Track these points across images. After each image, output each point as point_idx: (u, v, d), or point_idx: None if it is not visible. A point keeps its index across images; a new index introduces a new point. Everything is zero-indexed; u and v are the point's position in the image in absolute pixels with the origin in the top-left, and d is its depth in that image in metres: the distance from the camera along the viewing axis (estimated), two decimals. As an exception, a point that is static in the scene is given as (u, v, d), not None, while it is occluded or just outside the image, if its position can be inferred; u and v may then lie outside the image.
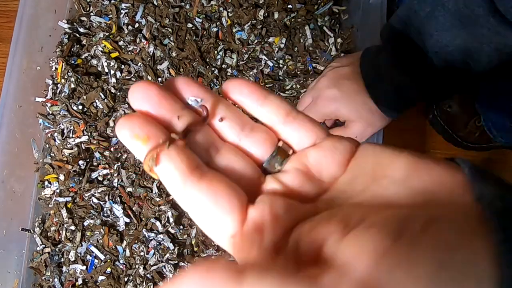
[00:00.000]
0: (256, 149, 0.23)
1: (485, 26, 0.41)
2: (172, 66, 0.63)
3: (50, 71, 0.63)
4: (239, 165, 0.22)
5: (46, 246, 0.59)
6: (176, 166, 0.20)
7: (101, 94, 0.61)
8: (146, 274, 0.58)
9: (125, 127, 0.21)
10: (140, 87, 0.22)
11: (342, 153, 0.22)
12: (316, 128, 0.23)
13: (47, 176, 0.60)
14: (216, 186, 0.20)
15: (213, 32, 0.64)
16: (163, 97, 0.22)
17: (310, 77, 0.62)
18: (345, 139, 0.22)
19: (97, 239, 0.59)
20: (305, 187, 0.21)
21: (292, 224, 0.20)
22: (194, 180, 0.20)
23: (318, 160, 0.22)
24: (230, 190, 0.20)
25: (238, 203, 0.20)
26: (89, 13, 0.66)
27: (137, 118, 0.21)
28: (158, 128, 0.21)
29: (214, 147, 0.22)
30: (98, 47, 0.64)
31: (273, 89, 0.63)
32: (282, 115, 0.23)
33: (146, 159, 0.20)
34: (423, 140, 0.83)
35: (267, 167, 0.23)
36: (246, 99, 0.23)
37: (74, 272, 0.58)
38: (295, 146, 0.23)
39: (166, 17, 0.65)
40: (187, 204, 0.21)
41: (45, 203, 0.60)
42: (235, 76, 0.63)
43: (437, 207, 0.18)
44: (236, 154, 0.22)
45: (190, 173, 0.20)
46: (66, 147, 0.60)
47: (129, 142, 0.21)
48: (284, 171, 0.22)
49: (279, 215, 0.20)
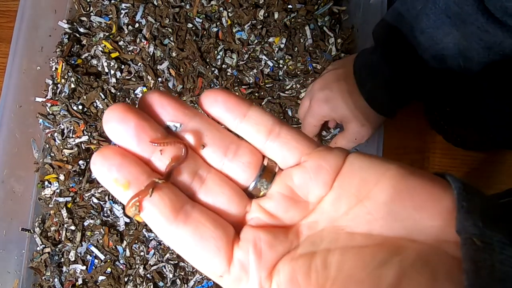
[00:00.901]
0: (241, 173, 0.22)
1: (474, 24, 0.41)
2: (172, 66, 0.63)
3: (50, 71, 0.63)
4: (225, 196, 0.21)
5: (46, 246, 0.59)
6: (160, 212, 0.20)
7: (101, 94, 0.61)
8: (146, 274, 0.58)
9: (102, 166, 0.20)
10: (116, 116, 0.20)
11: (327, 171, 0.21)
12: (300, 144, 0.22)
13: (47, 176, 0.60)
14: (202, 229, 0.20)
15: (213, 32, 0.64)
16: (142, 129, 0.20)
17: (310, 77, 0.62)
18: (331, 152, 0.22)
19: (97, 239, 0.59)
20: (290, 212, 0.21)
21: (276, 259, 0.20)
22: (179, 224, 0.20)
23: (303, 182, 0.21)
24: (216, 230, 0.20)
25: (224, 243, 0.20)
26: (89, 13, 0.66)
27: (114, 156, 0.20)
28: (138, 169, 0.20)
29: (198, 178, 0.21)
30: (98, 47, 0.64)
31: (273, 89, 0.63)
32: (264, 133, 0.22)
33: (129, 207, 0.20)
34: (423, 140, 0.83)
35: (253, 191, 0.22)
36: (225, 114, 0.22)
37: (74, 272, 0.58)
38: (280, 164, 0.22)
39: (166, 17, 0.65)
40: (175, 246, 0.20)
41: (45, 203, 0.60)
42: (235, 76, 0.63)
43: (414, 245, 0.18)
44: (221, 184, 0.22)
45: (175, 216, 0.20)
46: (66, 147, 0.60)
47: (108, 184, 0.20)
48: (269, 196, 0.22)
49: (264, 253, 0.20)
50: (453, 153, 0.81)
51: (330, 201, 0.21)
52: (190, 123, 0.21)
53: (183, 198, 0.21)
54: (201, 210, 0.21)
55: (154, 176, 0.20)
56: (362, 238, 0.19)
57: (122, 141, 0.20)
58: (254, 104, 0.22)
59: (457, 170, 0.82)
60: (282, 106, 0.62)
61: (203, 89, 0.62)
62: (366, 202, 0.20)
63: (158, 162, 0.21)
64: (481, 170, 0.81)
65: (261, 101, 0.62)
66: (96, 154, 0.20)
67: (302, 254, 0.20)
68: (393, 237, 0.19)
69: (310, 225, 0.21)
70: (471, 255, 0.17)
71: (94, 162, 0.20)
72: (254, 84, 0.63)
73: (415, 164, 0.83)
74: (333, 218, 0.21)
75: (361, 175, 0.21)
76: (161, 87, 0.62)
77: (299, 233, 0.21)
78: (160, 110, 0.21)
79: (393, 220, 0.19)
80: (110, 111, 0.20)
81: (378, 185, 0.20)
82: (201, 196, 0.21)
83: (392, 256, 0.18)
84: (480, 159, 0.80)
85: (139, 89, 0.62)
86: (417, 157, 0.83)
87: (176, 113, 0.21)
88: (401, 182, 0.20)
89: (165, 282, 0.58)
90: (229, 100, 0.21)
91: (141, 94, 0.62)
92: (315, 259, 0.20)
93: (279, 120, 0.22)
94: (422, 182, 0.20)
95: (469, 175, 0.81)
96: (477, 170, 0.81)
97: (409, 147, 0.83)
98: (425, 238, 0.18)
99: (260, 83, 0.63)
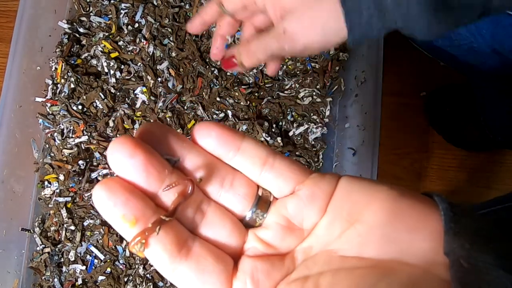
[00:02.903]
0: (237, 204, 0.22)
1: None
2: (172, 66, 0.63)
3: (50, 71, 0.63)
4: (226, 229, 0.22)
5: (46, 246, 0.59)
6: (164, 248, 0.20)
7: (100, 94, 0.62)
8: (146, 274, 0.58)
9: (107, 200, 0.19)
10: (123, 149, 0.19)
11: (321, 198, 0.21)
12: (294, 173, 0.22)
13: (47, 176, 0.60)
14: (204, 263, 0.20)
15: (213, 32, 0.64)
16: (151, 164, 0.20)
17: (309, 77, 0.62)
18: (324, 178, 0.22)
19: (97, 239, 0.59)
20: (286, 241, 0.22)
21: (274, 287, 0.21)
22: (182, 259, 0.20)
23: (297, 211, 0.22)
24: (218, 265, 0.20)
25: (224, 277, 0.20)
26: (89, 13, 0.66)
27: (122, 191, 0.19)
28: (144, 205, 0.20)
29: (199, 212, 0.22)
30: (98, 47, 0.64)
31: (272, 89, 0.63)
32: (259, 165, 0.22)
33: (134, 244, 0.19)
34: (423, 140, 0.83)
35: (249, 222, 0.22)
36: (219, 148, 0.22)
37: (74, 272, 0.58)
38: (275, 194, 0.23)
39: (165, 17, 0.65)
40: (176, 281, 0.21)
41: (45, 203, 0.60)
42: (235, 76, 0.63)
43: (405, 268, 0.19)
44: (222, 217, 0.22)
45: (178, 252, 0.20)
46: (66, 147, 0.60)
47: (113, 220, 0.20)
48: (265, 226, 0.22)
49: (261, 282, 0.21)
50: (453, 153, 0.81)
51: (324, 226, 0.21)
52: (187, 156, 0.21)
53: (185, 233, 0.21)
54: (202, 244, 0.21)
55: (158, 211, 0.20)
56: (354, 260, 0.20)
57: (128, 175, 0.20)
58: (247, 136, 0.22)
59: (457, 170, 0.82)
60: (282, 106, 0.62)
61: (203, 89, 0.62)
62: (357, 225, 0.20)
63: (164, 197, 0.21)
64: (481, 170, 0.81)
65: (260, 101, 0.62)
66: (100, 187, 0.19)
67: (295, 278, 0.21)
68: (385, 260, 0.19)
69: (305, 250, 0.22)
70: (459, 277, 0.17)
71: (98, 195, 0.19)
72: (253, 84, 0.63)
73: (415, 164, 0.83)
74: (327, 242, 0.21)
75: (352, 199, 0.21)
76: (160, 87, 0.62)
77: (295, 258, 0.22)
78: (158, 144, 0.21)
79: (385, 242, 0.19)
80: (117, 144, 0.19)
81: (369, 208, 0.20)
82: (202, 230, 0.21)
83: (383, 279, 0.18)
84: (480, 159, 0.80)
85: (138, 89, 0.63)
86: (417, 157, 0.83)
87: (174, 147, 0.21)
88: (392, 204, 0.20)
89: (165, 282, 0.58)
90: (222, 133, 0.22)
91: (140, 94, 0.62)
92: (307, 282, 0.20)
93: (272, 150, 0.23)
94: (412, 204, 0.20)
95: (469, 175, 0.81)
96: (477, 170, 0.81)
97: (409, 147, 0.83)
98: (416, 261, 0.19)
99: (259, 83, 0.63)
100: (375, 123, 0.57)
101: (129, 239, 0.20)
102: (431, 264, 0.18)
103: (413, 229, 0.19)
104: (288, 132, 0.62)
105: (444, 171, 0.82)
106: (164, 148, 0.21)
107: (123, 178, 0.20)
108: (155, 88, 0.62)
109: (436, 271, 0.18)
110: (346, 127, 0.60)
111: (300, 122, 0.62)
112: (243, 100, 0.61)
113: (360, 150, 0.58)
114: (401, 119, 0.62)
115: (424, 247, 0.19)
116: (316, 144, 0.61)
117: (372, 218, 0.20)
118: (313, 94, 0.62)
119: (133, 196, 0.19)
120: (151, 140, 0.21)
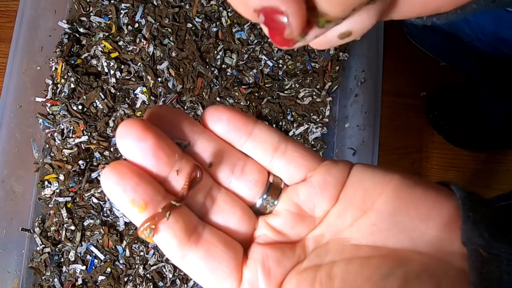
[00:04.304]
0: (247, 191, 0.22)
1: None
2: (172, 66, 0.63)
3: (50, 71, 0.63)
4: (236, 216, 0.21)
5: (46, 246, 0.59)
6: (174, 234, 0.19)
7: (101, 94, 0.62)
8: (146, 274, 0.58)
9: (116, 185, 0.19)
10: (132, 133, 0.19)
11: (333, 185, 0.21)
12: (306, 160, 0.22)
13: (47, 176, 0.60)
14: (214, 251, 0.20)
15: (213, 32, 0.65)
16: (161, 148, 0.19)
17: (309, 77, 0.62)
18: (336, 166, 0.21)
19: (97, 239, 0.59)
20: (297, 228, 0.21)
21: (284, 275, 0.20)
22: (191, 246, 0.20)
23: (308, 198, 0.21)
24: (228, 252, 0.20)
25: (234, 264, 0.20)
26: (89, 13, 0.66)
27: (131, 175, 0.19)
28: (154, 189, 0.19)
29: (209, 198, 0.21)
30: (98, 47, 0.64)
31: (272, 89, 0.63)
32: (271, 151, 0.21)
33: (143, 230, 0.19)
34: (423, 140, 0.83)
35: (260, 209, 0.22)
36: (231, 133, 0.21)
37: (74, 272, 0.58)
38: (286, 181, 0.22)
39: (165, 17, 0.65)
40: (186, 268, 0.20)
41: (45, 203, 0.60)
42: (235, 76, 0.63)
43: (419, 257, 0.18)
44: (232, 204, 0.21)
45: (188, 239, 0.20)
46: (66, 147, 0.60)
47: (122, 204, 0.19)
48: (276, 213, 0.22)
49: (272, 270, 0.20)
50: (453, 153, 0.81)
51: (336, 214, 0.21)
52: (198, 141, 0.21)
53: (195, 219, 0.20)
54: (212, 231, 0.21)
55: (168, 196, 0.20)
56: (367, 249, 0.19)
57: (137, 159, 0.19)
58: (259, 121, 0.22)
59: (457, 170, 0.82)
60: (282, 106, 0.62)
61: (203, 89, 0.62)
62: (370, 213, 0.20)
63: (174, 182, 0.20)
64: (481, 170, 0.81)
65: (260, 101, 0.62)
66: (108, 171, 0.19)
67: (307, 267, 0.20)
68: (398, 249, 0.19)
69: (316, 238, 0.21)
70: (478, 267, 0.16)
71: (106, 179, 0.19)
72: (253, 84, 0.63)
73: (415, 164, 0.83)
74: (339, 230, 0.21)
75: (365, 187, 0.20)
76: (160, 87, 0.62)
77: (306, 246, 0.21)
78: (168, 128, 0.20)
79: (398, 231, 0.19)
80: (126, 127, 0.19)
81: (382, 196, 0.20)
82: (212, 216, 0.21)
83: (397, 268, 0.18)
84: (480, 159, 0.80)
85: (138, 89, 0.63)
86: (417, 157, 0.83)
87: (185, 131, 0.21)
88: (405, 192, 0.20)
89: (165, 282, 0.58)
90: (234, 118, 0.21)
91: (140, 94, 0.62)
92: (320, 271, 0.20)
93: (284, 136, 0.22)
94: (426, 192, 0.19)
95: (469, 175, 0.81)
96: (477, 170, 0.81)
97: (409, 147, 0.83)
98: (430, 249, 0.18)
99: (259, 83, 0.63)
100: (375, 123, 0.57)
101: (138, 225, 0.19)
102: (445, 253, 0.18)
103: (426, 217, 0.19)
104: (288, 132, 0.62)
105: (444, 171, 0.82)
106: (174, 131, 0.20)
107: (132, 162, 0.19)
108: (155, 88, 0.62)
109: (450, 260, 0.18)
110: (346, 127, 0.60)
111: (300, 122, 0.62)
112: (243, 100, 0.62)
113: (360, 150, 0.58)
114: (401, 119, 0.62)
115: (438, 235, 0.18)
116: (316, 144, 0.62)
117: (384, 206, 0.20)
118: (313, 94, 0.62)
119: (142, 181, 0.19)
120: (161, 124, 0.20)
